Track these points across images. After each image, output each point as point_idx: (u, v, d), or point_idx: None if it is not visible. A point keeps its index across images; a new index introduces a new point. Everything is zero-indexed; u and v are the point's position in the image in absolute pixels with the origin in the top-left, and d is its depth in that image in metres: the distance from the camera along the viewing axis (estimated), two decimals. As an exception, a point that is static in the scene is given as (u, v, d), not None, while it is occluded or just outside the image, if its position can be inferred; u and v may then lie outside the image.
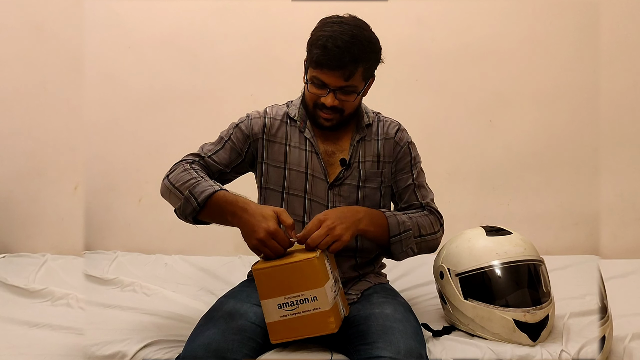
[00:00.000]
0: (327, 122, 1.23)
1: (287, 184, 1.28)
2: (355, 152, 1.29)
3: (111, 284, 1.61)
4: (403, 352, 1.01)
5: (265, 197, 1.31)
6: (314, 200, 1.27)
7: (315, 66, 1.16)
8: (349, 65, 1.14)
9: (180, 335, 1.20)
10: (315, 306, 1.00)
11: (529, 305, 1.15)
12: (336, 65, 1.13)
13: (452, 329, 1.24)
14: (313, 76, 1.18)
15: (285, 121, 1.31)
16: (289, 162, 1.28)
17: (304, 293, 1.00)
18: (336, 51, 1.12)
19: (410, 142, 1.34)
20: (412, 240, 1.22)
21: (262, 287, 1.02)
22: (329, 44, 1.12)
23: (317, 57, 1.14)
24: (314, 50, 1.15)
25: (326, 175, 1.27)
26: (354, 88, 1.19)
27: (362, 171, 1.28)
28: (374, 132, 1.32)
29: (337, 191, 1.27)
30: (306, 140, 1.29)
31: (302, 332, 1.02)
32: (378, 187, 1.29)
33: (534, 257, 1.20)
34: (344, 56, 1.12)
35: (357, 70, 1.15)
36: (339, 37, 1.12)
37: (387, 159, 1.31)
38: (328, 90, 1.17)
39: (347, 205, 1.26)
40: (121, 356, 1.16)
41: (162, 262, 1.85)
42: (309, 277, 1.00)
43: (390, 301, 1.19)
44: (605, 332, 1.15)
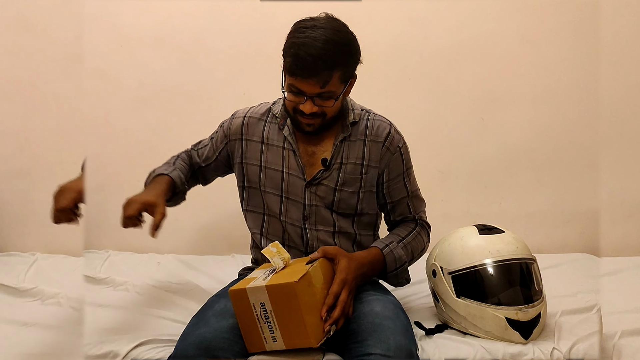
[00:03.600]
0: (309, 127, 1.22)
1: (263, 181, 1.28)
2: (338, 152, 1.26)
3: (103, 283, 1.60)
4: (393, 348, 1.01)
5: (246, 195, 1.33)
6: (290, 198, 1.27)
7: (290, 75, 1.14)
8: (323, 73, 1.11)
9: (173, 334, 1.19)
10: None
11: (521, 304, 1.16)
12: (310, 74, 1.11)
13: (445, 327, 1.25)
14: (290, 84, 1.16)
15: (264, 119, 1.31)
16: (265, 159, 1.29)
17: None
18: (309, 60, 1.09)
19: (401, 146, 1.30)
20: (407, 271, 1.28)
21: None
22: (301, 52, 1.09)
23: (290, 66, 1.12)
24: (287, 59, 1.13)
25: (304, 173, 1.26)
26: (332, 93, 1.16)
27: (341, 174, 1.26)
28: (361, 131, 1.28)
29: (315, 190, 1.26)
30: (284, 138, 1.28)
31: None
32: (356, 192, 1.27)
33: (526, 255, 1.20)
34: (317, 64, 1.09)
35: (332, 76, 1.12)
36: (312, 45, 1.09)
37: (373, 164, 1.27)
38: (306, 98, 1.15)
39: (323, 204, 1.26)
40: (113, 355, 1.15)
41: (154, 261, 1.84)
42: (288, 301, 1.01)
43: (380, 298, 1.19)
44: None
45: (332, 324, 1.04)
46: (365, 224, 1.32)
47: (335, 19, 1.17)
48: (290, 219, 1.28)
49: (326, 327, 1.03)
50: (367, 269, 1.18)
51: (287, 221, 1.28)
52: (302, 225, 1.28)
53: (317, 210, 1.27)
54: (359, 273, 1.14)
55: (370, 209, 1.31)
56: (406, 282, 1.30)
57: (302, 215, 1.27)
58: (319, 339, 1.02)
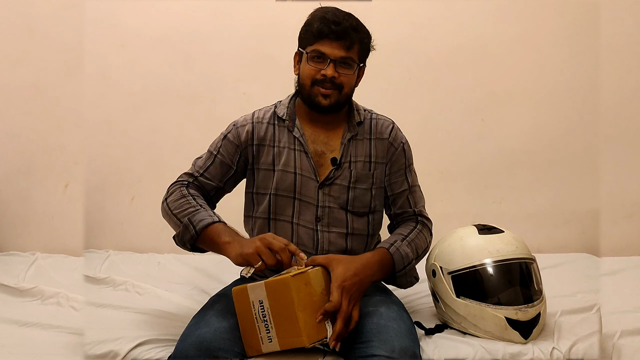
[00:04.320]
0: (325, 100, 1.22)
1: (275, 185, 1.26)
2: (347, 151, 1.27)
3: (103, 283, 1.60)
4: (397, 350, 1.01)
5: (254, 202, 1.30)
6: (303, 200, 1.26)
7: (316, 38, 1.19)
8: (350, 34, 1.18)
9: (173, 334, 1.19)
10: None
11: (521, 303, 1.16)
12: (337, 34, 1.17)
13: (445, 327, 1.25)
14: (313, 50, 1.20)
15: (272, 123, 1.30)
16: (278, 163, 1.27)
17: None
18: (337, 21, 1.17)
19: (404, 142, 1.33)
20: (414, 269, 1.25)
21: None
22: (329, 16, 1.18)
23: (318, 28, 1.18)
24: (314, 24, 1.19)
25: (316, 174, 1.26)
26: (353, 61, 1.21)
27: (353, 171, 1.26)
28: (366, 130, 1.30)
29: (328, 191, 1.26)
30: (295, 139, 1.27)
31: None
32: (369, 189, 1.28)
33: (525, 255, 1.21)
34: (345, 26, 1.18)
35: (355, 42, 1.20)
36: (338, 12, 1.20)
37: (380, 160, 1.29)
38: (329, 61, 1.19)
39: (337, 205, 1.25)
40: (113, 355, 1.15)
41: (154, 261, 1.84)
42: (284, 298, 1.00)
43: (384, 300, 1.19)
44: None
45: (339, 336, 1.02)
46: (377, 223, 1.33)
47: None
48: (302, 221, 1.26)
49: (332, 343, 1.01)
50: (375, 269, 1.13)
51: (300, 223, 1.26)
52: (315, 227, 1.26)
53: (330, 211, 1.26)
54: (362, 276, 1.09)
55: (381, 206, 1.32)
56: (415, 280, 1.26)
57: (315, 217, 1.26)
58: (312, 340, 1.01)
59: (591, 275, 1.65)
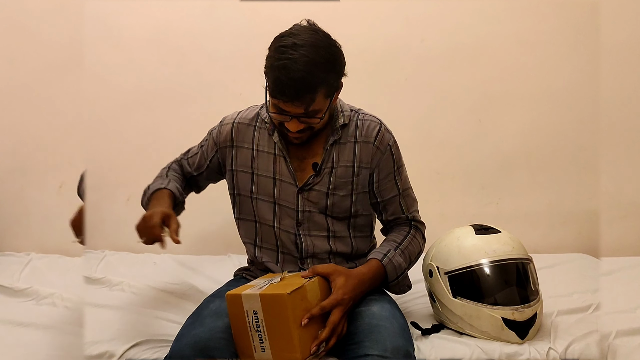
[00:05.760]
0: (297, 141, 1.21)
1: (255, 189, 1.27)
2: (329, 156, 1.24)
3: (99, 283, 1.59)
4: (390, 350, 1.01)
5: (237, 204, 1.31)
6: (283, 205, 1.25)
7: (273, 97, 1.11)
8: (306, 96, 1.08)
9: (169, 334, 1.19)
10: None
11: (517, 304, 1.16)
12: (292, 97, 1.08)
13: (441, 327, 1.25)
14: (273, 104, 1.13)
15: (254, 124, 1.29)
16: (256, 167, 1.27)
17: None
18: (291, 84, 1.06)
19: (391, 144, 1.26)
20: (407, 277, 1.27)
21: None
22: (282, 76, 1.06)
23: (272, 90, 1.09)
24: (269, 81, 1.10)
25: (295, 179, 1.24)
26: (317, 112, 1.13)
27: (332, 178, 1.24)
28: (351, 133, 1.25)
29: (307, 196, 1.24)
30: (275, 144, 1.26)
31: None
32: (348, 195, 1.25)
33: (522, 255, 1.21)
34: (300, 88, 1.06)
35: (316, 96, 1.09)
36: (293, 68, 1.05)
37: (364, 165, 1.25)
38: (290, 117, 1.13)
39: (317, 209, 1.24)
40: (109, 356, 1.15)
41: (150, 261, 1.83)
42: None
43: (376, 299, 1.18)
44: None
45: (321, 343, 1.03)
46: (361, 225, 1.30)
47: (316, 31, 1.13)
48: (283, 226, 1.26)
49: (313, 347, 1.01)
50: (367, 285, 1.16)
51: (281, 228, 1.26)
52: (296, 231, 1.26)
53: (311, 215, 1.25)
54: (358, 291, 1.13)
55: (364, 210, 1.29)
56: (408, 288, 1.28)
57: (295, 222, 1.25)
58: (306, 356, 1.01)
59: (588, 276, 1.66)
